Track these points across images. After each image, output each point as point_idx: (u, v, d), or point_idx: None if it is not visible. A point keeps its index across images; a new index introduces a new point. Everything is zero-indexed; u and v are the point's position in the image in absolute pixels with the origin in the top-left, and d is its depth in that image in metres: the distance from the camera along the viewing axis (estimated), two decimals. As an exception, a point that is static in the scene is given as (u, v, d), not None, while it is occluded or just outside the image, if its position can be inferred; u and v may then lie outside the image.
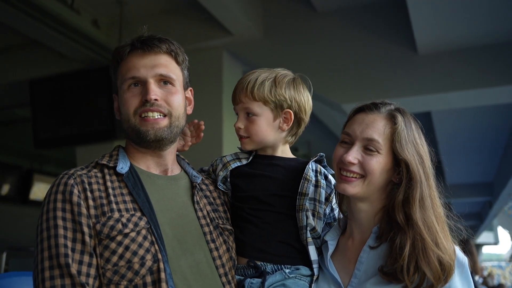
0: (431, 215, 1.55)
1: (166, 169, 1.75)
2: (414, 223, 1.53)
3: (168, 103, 1.67)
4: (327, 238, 1.73)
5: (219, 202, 1.82)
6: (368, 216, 1.67)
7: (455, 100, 5.58)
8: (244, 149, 1.85)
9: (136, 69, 1.65)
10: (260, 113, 1.79)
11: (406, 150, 1.57)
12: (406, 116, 1.64)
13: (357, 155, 1.60)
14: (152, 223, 1.53)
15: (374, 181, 1.60)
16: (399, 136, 1.58)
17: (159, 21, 5.68)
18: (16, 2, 4.63)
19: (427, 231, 1.52)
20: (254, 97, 1.77)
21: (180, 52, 1.75)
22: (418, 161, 1.58)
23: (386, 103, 1.68)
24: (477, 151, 9.97)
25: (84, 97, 5.75)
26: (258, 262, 1.69)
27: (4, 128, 9.19)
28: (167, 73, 1.68)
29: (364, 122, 1.63)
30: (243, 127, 1.81)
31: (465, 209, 16.92)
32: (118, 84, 1.71)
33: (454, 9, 4.64)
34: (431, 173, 1.62)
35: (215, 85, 5.52)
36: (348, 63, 5.49)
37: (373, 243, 1.61)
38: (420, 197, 1.55)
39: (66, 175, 1.56)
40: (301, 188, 1.74)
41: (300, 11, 5.63)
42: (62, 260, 1.41)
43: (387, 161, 1.59)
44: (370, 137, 1.59)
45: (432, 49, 5.22)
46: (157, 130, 1.64)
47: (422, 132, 1.68)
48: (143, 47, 1.67)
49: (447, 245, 1.53)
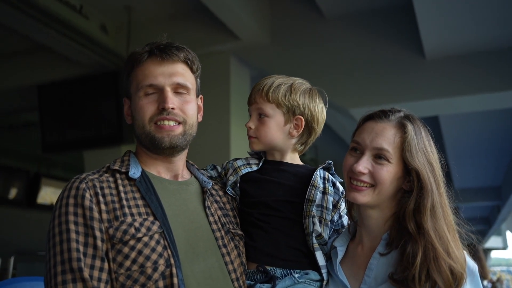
0: (443, 224, 1.54)
1: (176, 174, 1.75)
2: (426, 232, 1.52)
3: (184, 111, 1.68)
4: (336, 244, 1.73)
5: (229, 207, 1.83)
6: (378, 223, 1.66)
7: (463, 104, 5.56)
8: (252, 149, 1.87)
9: (154, 76, 1.66)
10: (272, 115, 1.81)
11: (416, 159, 1.56)
12: (416, 123, 1.63)
13: (367, 164, 1.59)
14: (164, 227, 1.53)
15: (384, 190, 1.59)
16: (409, 145, 1.57)
17: (167, 26, 5.71)
18: (25, 8, 4.66)
19: (438, 240, 1.51)
20: (268, 98, 1.80)
21: (196, 61, 1.76)
22: (428, 169, 1.57)
23: (395, 110, 1.67)
24: (485, 155, 9.93)
25: (92, 102, 5.78)
26: (268, 267, 1.69)
27: (12, 132, 9.25)
28: (184, 82, 1.69)
29: (373, 131, 1.62)
30: (253, 127, 1.83)
31: (473, 213, 16.88)
32: (132, 89, 1.71)
33: (462, 13, 4.63)
34: (442, 180, 1.61)
35: (222, 89, 5.54)
36: (355, 68, 5.49)
37: (383, 250, 1.60)
38: (431, 206, 1.54)
39: (78, 179, 1.56)
40: (308, 194, 1.74)
41: (307, 16, 5.64)
42: (75, 264, 1.41)
43: (397, 169, 1.58)
44: (380, 146, 1.58)
45: (440, 53, 5.22)
46: (172, 137, 1.65)
47: (432, 138, 1.67)
48: (162, 55, 1.68)
49: (458, 253, 1.52)
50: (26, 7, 4.67)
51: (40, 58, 6.38)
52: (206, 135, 5.22)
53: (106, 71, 5.71)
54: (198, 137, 1.82)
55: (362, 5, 5.49)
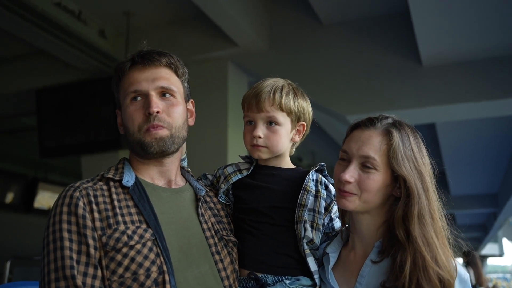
0: (431, 231, 1.54)
1: (170, 180, 1.77)
2: (414, 239, 1.51)
3: (169, 114, 1.69)
4: (328, 251, 1.73)
5: (223, 213, 1.84)
6: (369, 229, 1.66)
7: (460, 112, 5.59)
8: (259, 157, 1.83)
9: (138, 82, 1.68)
10: (284, 123, 1.79)
11: (402, 166, 1.55)
12: (403, 129, 1.62)
13: (354, 173, 1.59)
14: (157, 235, 1.54)
15: (371, 198, 1.59)
16: (395, 152, 1.56)
17: (165, 32, 5.74)
18: (24, 13, 4.68)
19: (426, 248, 1.50)
20: (281, 107, 1.77)
21: (180, 65, 1.78)
22: (416, 176, 1.57)
23: (383, 117, 1.66)
24: (482, 162, 9.96)
25: (90, 107, 5.79)
26: (259, 274, 1.70)
27: (10, 136, 9.25)
28: (168, 85, 1.70)
29: (360, 139, 1.62)
30: (263, 136, 1.79)
31: (470, 220, 16.87)
32: (121, 99, 1.73)
33: (458, 21, 4.66)
34: (431, 186, 1.61)
35: (220, 95, 5.56)
36: (352, 74, 5.51)
37: (375, 258, 1.60)
38: (419, 213, 1.54)
39: (72, 187, 1.58)
40: (300, 199, 1.74)
41: (305, 22, 5.68)
42: (68, 272, 1.43)
43: (385, 177, 1.58)
44: (366, 154, 1.58)
45: (437, 61, 5.24)
46: (159, 140, 1.66)
47: (423, 144, 1.66)
48: (144, 61, 1.70)
49: (447, 261, 1.51)
50: (25, 12, 4.68)
51: (38, 63, 6.39)
52: (204, 140, 5.24)
53: (105, 76, 5.72)
54: (196, 142, 1.83)
55: (360, 12, 5.53)
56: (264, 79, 1.85)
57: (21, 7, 4.62)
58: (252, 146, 1.81)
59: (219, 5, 4.72)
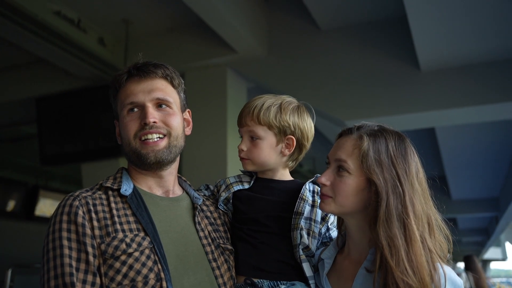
0: (398, 234, 1.53)
1: (167, 190, 1.80)
2: (380, 241, 1.54)
3: (167, 124, 1.73)
4: (323, 257, 1.76)
5: (220, 222, 1.87)
6: (359, 235, 1.68)
7: (458, 116, 5.59)
8: (245, 169, 1.91)
9: (134, 94, 1.72)
10: (264, 136, 1.84)
11: (371, 169, 1.59)
12: (381, 136, 1.64)
13: (329, 176, 1.65)
14: (155, 243, 1.57)
15: (344, 201, 1.62)
16: (365, 156, 1.60)
17: (164, 40, 5.76)
18: (24, 22, 4.70)
19: (391, 251, 1.51)
20: (259, 121, 1.83)
21: (176, 76, 1.82)
22: (387, 179, 1.58)
23: (364, 125, 1.70)
24: (482, 166, 9.95)
25: (90, 114, 5.80)
26: (255, 279, 1.73)
27: (10, 144, 9.27)
28: (164, 96, 1.74)
29: (337, 145, 1.69)
30: (246, 149, 1.86)
31: (472, 224, 16.81)
32: (118, 110, 1.78)
33: (456, 25, 4.68)
34: (414, 192, 1.60)
35: (219, 102, 5.57)
36: (351, 80, 5.52)
37: (370, 265, 1.61)
38: (386, 216, 1.55)
39: (71, 196, 1.61)
40: (297, 207, 1.79)
41: (303, 28, 5.70)
42: (68, 279, 1.45)
43: (359, 181, 1.61)
44: (339, 157, 1.64)
45: (435, 65, 5.25)
46: (157, 152, 1.70)
47: (412, 152, 1.67)
48: (139, 74, 1.74)
49: (416, 268, 1.50)
50: (24, 21, 4.71)
51: (38, 71, 6.42)
52: (203, 147, 5.26)
53: (104, 84, 5.73)
54: (195, 149, 1.85)
55: (358, 18, 5.55)
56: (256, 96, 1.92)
57: (20, 16, 4.65)
58: (240, 159, 1.90)
59: (218, 12, 4.74)
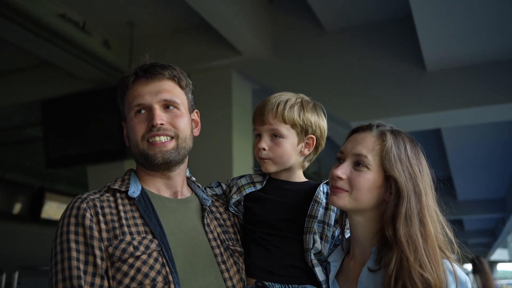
0: (417, 232, 1.55)
1: (176, 191, 1.78)
2: (399, 239, 1.54)
3: (174, 125, 1.71)
4: (330, 260, 1.75)
5: (229, 223, 1.85)
6: (365, 234, 1.67)
7: (464, 117, 5.57)
8: (265, 171, 1.85)
9: (141, 96, 1.70)
10: (287, 135, 1.80)
11: (394, 167, 1.59)
12: (399, 136, 1.66)
13: (346, 170, 1.63)
14: (163, 245, 1.55)
15: (360, 196, 1.61)
16: (388, 153, 1.60)
17: (169, 42, 5.77)
18: (29, 25, 4.72)
19: (410, 248, 1.52)
20: (284, 119, 1.78)
21: (183, 77, 1.79)
22: (407, 179, 1.59)
23: (381, 124, 1.71)
24: (489, 167, 9.91)
25: (95, 117, 5.81)
26: (266, 282, 1.70)
27: (16, 147, 9.29)
28: (171, 97, 1.72)
29: (355, 140, 1.67)
30: (267, 148, 1.81)
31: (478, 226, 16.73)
32: (126, 112, 1.76)
33: (462, 26, 4.66)
34: (427, 193, 1.62)
35: (224, 104, 5.57)
36: (356, 81, 5.51)
37: (373, 264, 1.61)
38: (406, 213, 1.56)
39: (79, 199, 1.60)
40: (310, 210, 1.76)
41: (308, 29, 5.69)
42: (75, 282, 1.45)
43: (377, 178, 1.61)
44: (359, 152, 1.62)
45: (441, 66, 5.24)
46: (165, 153, 1.68)
47: (422, 154, 1.69)
48: (146, 75, 1.72)
49: (434, 266, 1.52)
50: (30, 24, 4.73)
51: (43, 74, 6.44)
52: (208, 149, 5.25)
53: (109, 86, 5.74)
54: (200, 151, 1.83)
55: (363, 19, 5.54)
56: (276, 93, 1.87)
57: (26, 19, 4.67)
58: (259, 159, 1.84)
59: (222, 14, 4.75)
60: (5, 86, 6.71)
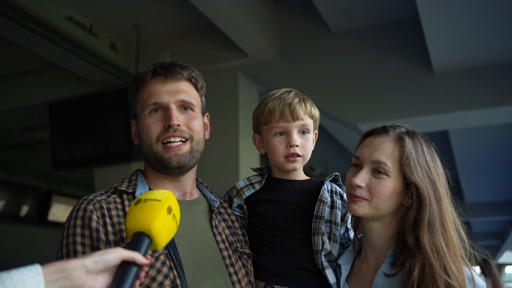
0: (440, 239, 1.52)
1: (184, 192, 1.76)
2: (422, 246, 1.51)
3: (190, 127, 1.69)
4: (340, 262, 1.72)
5: (238, 225, 1.83)
6: (381, 239, 1.65)
7: (472, 118, 5.53)
8: (293, 169, 1.81)
9: (158, 95, 1.67)
10: (312, 131, 1.82)
11: (415, 173, 1.55)
12: (416, 138, 1.63)
13: (365, 178, 1.59)
14: (170, 248, 1.53)
15: (380, 204, 1.58)
16: (408, 159, 1.56)
17: (175, 44, 5.76)
18: (36, 27, 4.73)
19: (434, 256, 1.49)
20: (311, 114, 1.80)
21: (200, 79, 1.78)
22: (428, 184, 1.56)
23: (396, 126, 1.67)
24: (496, 169, 9.85)
25: (102, 119, 5.81)
26: (275, 285, 1.69)
27: (23, 150, 9.31)
28: (189, 99, 1.70)
29: (372, 145, 1.62)
30: (300, 145, 1.78)
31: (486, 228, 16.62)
32: (138, 109, 1.73)
33: (469, 28, 4.63)
34: (445, 196, 1.60)
35: (231, 106, 5.56)
36: (363, 83, 5.49)
37: (388, 268, 1.58)
38: (429, 220, 1.53)
39: (85, 200, 1.58)
40: (316, 211, 1.73)
41: (315, 31, 5.67)
42: None
43: (396, 184, 1.57)
44: (377, 159, 1.58)
45: (448, 68, 5.20)
46: (180, 156, 1.66)
47: (436, 154, 1.66)
48: (166, 74, 1.70)
49: (457, 270, 1.50)
50: (37, 27, 4.73)
51: (50, 77, 6.44)
52: (215, 151, 5.24)
53: (116, 88, 5.74)
54: (207, 153, 1.82)
55: (369, 20, 5.51)
56: (277, 90, 1.85)
57: (33, 22, 4.68)
58: (287, 158, 1.79)
59: (229, 16, 4.74)
60: (12, 89, 6.72)
